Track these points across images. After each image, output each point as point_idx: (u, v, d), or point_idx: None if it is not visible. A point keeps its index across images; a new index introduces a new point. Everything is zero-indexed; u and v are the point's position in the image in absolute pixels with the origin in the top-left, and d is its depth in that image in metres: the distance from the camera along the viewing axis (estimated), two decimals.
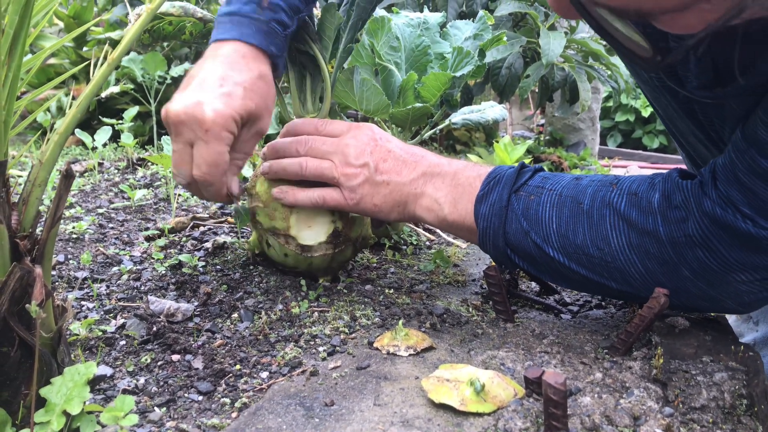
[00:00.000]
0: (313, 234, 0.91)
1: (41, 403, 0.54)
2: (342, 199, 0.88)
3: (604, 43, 2.66)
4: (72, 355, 0.69)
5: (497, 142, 1.88)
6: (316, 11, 1.11)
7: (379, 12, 1.15)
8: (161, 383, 0.68)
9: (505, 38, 1.25)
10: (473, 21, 1.26)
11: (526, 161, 0.85)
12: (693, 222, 0.70)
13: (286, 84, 0.99)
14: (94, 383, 0.66)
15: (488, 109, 1.31)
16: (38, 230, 0.58)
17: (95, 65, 0.60)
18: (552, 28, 2.18)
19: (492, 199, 0.81)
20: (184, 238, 1.12)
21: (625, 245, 0.74)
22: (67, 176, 0.56)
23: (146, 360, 0.72)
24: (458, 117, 1.28)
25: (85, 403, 0.54)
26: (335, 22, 0.95)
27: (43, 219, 0.58)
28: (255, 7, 0.82)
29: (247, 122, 0.82)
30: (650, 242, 0.72)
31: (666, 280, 0.73)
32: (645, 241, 0.73)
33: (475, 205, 0.82)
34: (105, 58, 0.61)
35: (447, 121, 1.27)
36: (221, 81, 0.79)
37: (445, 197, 0.85)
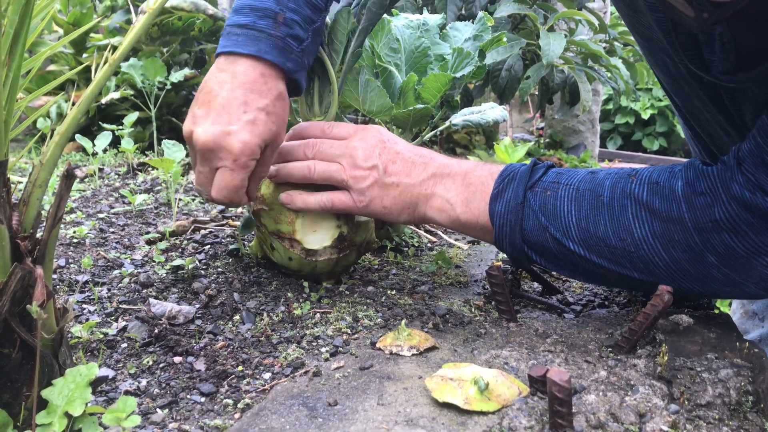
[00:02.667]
0: (318, 238, 0.90)
1: (43, 404, 0.53)
2: (351, 202, 0.87)
3: (604, 44, 2.66)
4: (74, 358, 0.69)
5: (497, 144, 1.88)
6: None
7: None
8: (163, 385, 0.67)
9: (504, 39, 1.25)
10: (473, 23, 1.26)
11: (526, 163, 0.84)
12: (720, 207, 0.70)
13: None
14: (96, 385, 0.65)
15: (488, 110, 1.31)
16: (39, 233, 0.58)
17: (95, 70, 0.60)
18: (551, 29, 2.18)
19: (507, 196, 0.81)
20: (185, 242, 1.12)
21: (649, 234, 0.74)
22: (68, 176, 0.56)
23: (148, 362, 0.71)
24: (458, 118, 1.28)
25: (87, 404, 0.53)
26: (348, 27, 0.95)
27: (44, 220, 0.58)
28: (271, 22, 0.81)
29: (269, 143, 0.84)
30: (675, 229, 0.72)
31: (691, 268, 0.73)
32: (669, 228, 0.72)
33: (489, 204, 0.82)
34: (106, 62, 0.60)
35: (447, 123, 1.27)
36: (244, 106, 0.80)
37: (456, 197, 0.85)
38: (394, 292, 0.93)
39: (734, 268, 0.71)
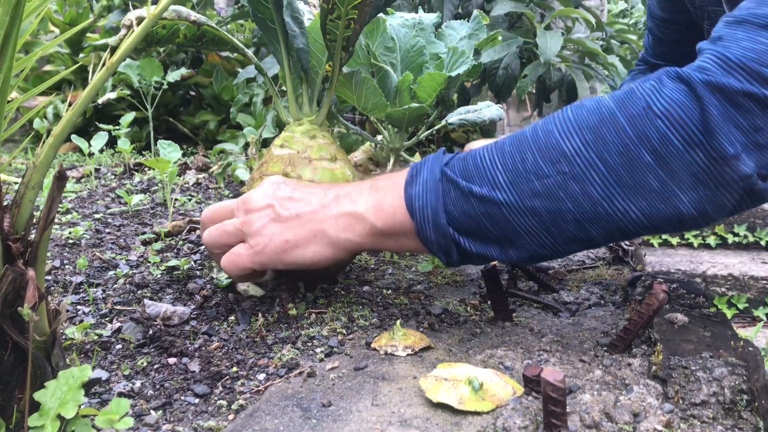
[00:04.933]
0: None
1: (35, 407, 0.53)
2: (246, 251, 0.79)
3: (601, 42, 2.66)
4: (67, 359, 0.68)
5: None
6: (315, 11, 1.11)
7: None
8: (157, 386, 0.67)
9: (500, 37, 1.25)
10: (469, 21, 1.25)
11: None
12: (654, 94, 0.66)
13: (284, 88, 0.99)
14: (90, 387, 0.65)
15: (485, 109, 1.31)
16: (32, 235, 0.58)
17: (93, 71, 0.60)
18: (548, 28, 2.18)
19: (423, 177, 0.74)
20: (180, 242, 1.12)
21: (580, 145, 0.68)
22: (60, 178, 0.56)
23: (142, 363, 0.71)
24: (455, 117, 1.28)
25: (80, 406, 0.53)
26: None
27: (37, 222, 0.57)
28: None
29: None
30: (607, 130, 0.67)
31: (627, 174, 0.67)
32: (601, 131, 0.68)
33: (405, 192, 0.75)
34: (104, 64, 0.60)
35: (443, 122, 1.27)
36: None
37: (365, 205, 0.77)
38: (389, 291, 0.93)
39: (670, 169, 0.66)
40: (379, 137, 1.29)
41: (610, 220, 0.68)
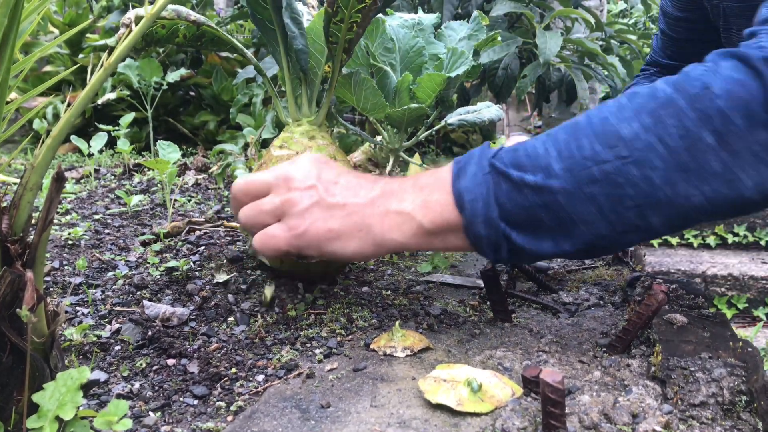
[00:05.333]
0: None
1: (34, 408, 0.53)
2: (282, 233, 0.73)
3: (601, 42, 2.66)
4: (66, 361, 0.68)
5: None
6: (314, 11, 1.11)
7: None
8: (156, 388, 0.67)
9: (499, 38, 1.25)
10: (468, 22, 1.25)
11: None
12: (711, 75, 0.65)
13: (283, 88, 0.99)
14: (88, 388, 0.65)
15: (484, 110, 1.31)
16: (31, 236, 0.57)
17: (92, 71, 0.60)
18: (548, 28, 2.18)
19: (471, 171, 0.70)
20: (180, 243, 1.11)
21: (640, 129, 0.66)
22: (58, 179, 0.56)
23: (141, 365, 0.71)
24: (454, 118, 1.28)
25: (78, 408, 0.53)
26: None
27: (36, 223, 0.57)
28: None
29: None
30: (666, 114, 0.65)
31: (688, 158, 0.65)
32: (659, 114, 0.66)
33: (452, 187, 0.71)
34: (102, 64, 0.60)
35: (443, 122, 1.27)
36: None
37: (412, 204, 0.72)
38: (389, 292, 0.93)
39: (732, 150, 0.64)
40: (379, 138, 1.29)
41: (672, 205, 0.66)
